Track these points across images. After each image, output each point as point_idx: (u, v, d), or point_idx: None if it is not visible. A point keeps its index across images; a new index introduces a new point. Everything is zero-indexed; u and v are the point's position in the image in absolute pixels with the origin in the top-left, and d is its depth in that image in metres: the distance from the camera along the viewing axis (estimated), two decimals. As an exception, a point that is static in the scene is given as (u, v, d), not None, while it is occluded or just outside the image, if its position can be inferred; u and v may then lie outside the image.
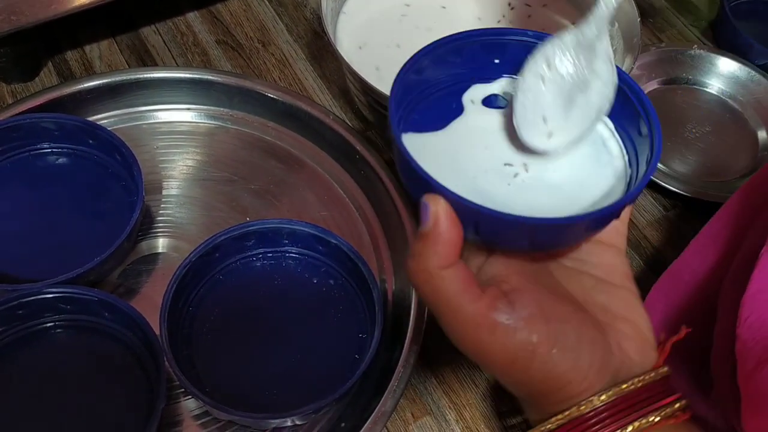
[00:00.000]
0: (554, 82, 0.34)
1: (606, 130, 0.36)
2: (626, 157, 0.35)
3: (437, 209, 0.28)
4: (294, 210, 0.52)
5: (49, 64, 0.61)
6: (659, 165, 0.58)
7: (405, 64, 0.33)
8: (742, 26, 0.64)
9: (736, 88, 0.64)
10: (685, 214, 0.58)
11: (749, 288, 0.34)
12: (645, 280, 0.53)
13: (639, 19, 0.54)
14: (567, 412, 0.30)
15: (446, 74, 0.36)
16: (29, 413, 0.42)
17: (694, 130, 0.62)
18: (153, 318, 0.43)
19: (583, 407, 0.30)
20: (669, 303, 0.46)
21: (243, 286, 0.47)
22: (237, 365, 0.45)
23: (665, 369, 0.32)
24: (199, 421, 0.44)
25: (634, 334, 0.32)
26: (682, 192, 0.56)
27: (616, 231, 0.34)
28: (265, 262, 0.48)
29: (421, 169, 0.29)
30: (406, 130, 0.34)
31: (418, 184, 0.30)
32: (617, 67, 0.34)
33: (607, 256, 0.34)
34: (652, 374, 0.32)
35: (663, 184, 0.57)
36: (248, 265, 0.48)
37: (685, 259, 0.46)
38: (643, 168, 0.33)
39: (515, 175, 0.34)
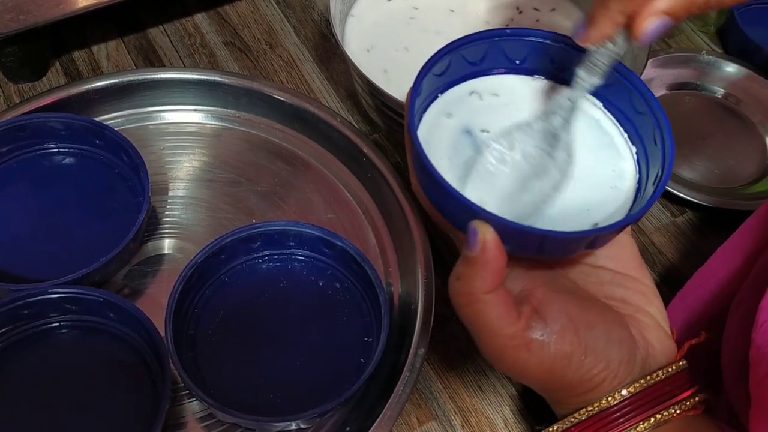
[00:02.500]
0: (515, 166, 0.35)
1: (621, 139, 0.38)
2: (637, 167, 0.37)
3: (485, 236, 0.30)
4: (300, 212, 0.52)
5: (57, 63, 0.61)
6: (667, 171, 0.58)
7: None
8: (751, 32, 0.64)
9: (744, 94, 0.63)
10: (692, 220, 0.57)
11: None
12: (652, 287, 0.53)
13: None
14: (595, 405, 0.33)
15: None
16: (33, 412, 0.41)
17: (702, 136, 0.61)
18: (158, 319, 0.42)
19: (609, 399, 0.32)
20: (690, 311, 0.46)
21: (249, 288, 0.47)
22: (242, 367, 0.44)
23: (684, 362, 0.34)
24: (204, 424, 0.44)
25: (654, 324, 0.34)
26: (689, 198, 0.56)
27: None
28: (271, 264, 0.48)
29: (454, 190, 0.31)
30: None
31: (439, 195, 0.32)
32: (636, 75, 0.36)
33: (617, 247, 0.36)
34: (674, 367, 0.33)
35: (671, 189, 0.56)
36: (254, 267, 0.48)
37: (711, 268, 0.46)
38: (651, 186, 0.34)
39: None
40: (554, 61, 0.38)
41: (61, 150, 0.51)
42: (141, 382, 0.43)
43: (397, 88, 0.49)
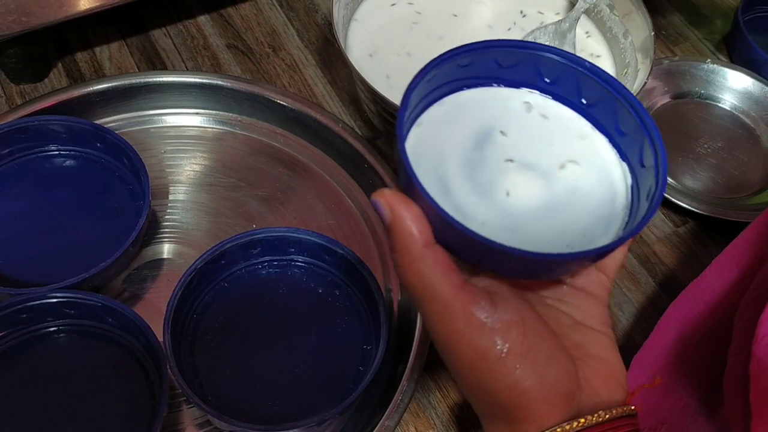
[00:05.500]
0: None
1: (610, 152, 0.35)
2: (629, 181, 0.34)
3: (385, 199, 0.29)
4: (301, 218, 0.52)
5: (59, 65, 0.61)
6: (670, 180, 0.58)
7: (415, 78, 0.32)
8: (757, 40, 0.64)
9: (749, 103, 0.63)
10: (695, 230, 0.57)
11: None
12: (654, 297, 0.53)
13: (653, 33, 0.54)
14: None
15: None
16: (31, 417, 0.41)
17: (706, 146, 0.61)
18: (157, 324, 0.42)
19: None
20: (685, 322, 0.45)
21: (248, 294, 0.47)
22: (240, 374, 0.44)
23: (633, 408, 0.31)
24: (202, 430, 0.44)
25: (606, 373, 0.32)
26: (692, 209, 0.56)
27: (599, 283, 0.33)
28: (271, 270, 0.48)
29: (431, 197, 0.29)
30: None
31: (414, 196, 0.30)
32: (626, 89, 0.33)
33: (587, 303, 0.33)
34: (621, 409, 0.31)
35: (674, 200, 0.56)
36: (254, 273, 0.48)
37: (706, 279, 0.46)
38: (644, 205, 0.32)
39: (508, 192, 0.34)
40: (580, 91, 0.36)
41: (61, 153, 0.50)
42: (139, 387, 0.43)
43: (399, 93, 0.49)
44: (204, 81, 0.55)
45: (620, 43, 0.56)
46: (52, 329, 0.44)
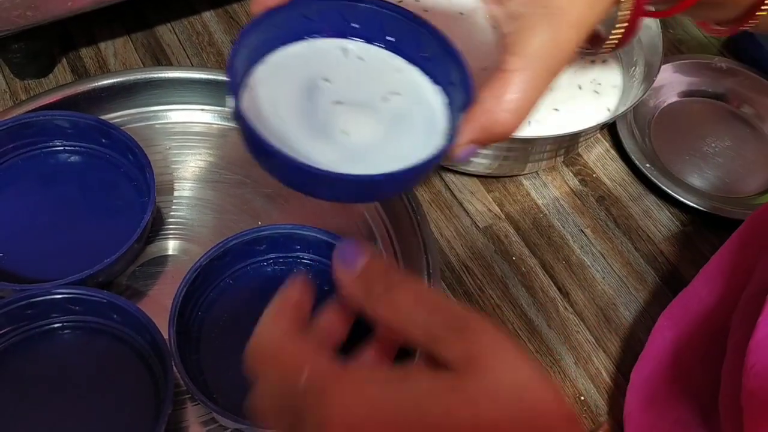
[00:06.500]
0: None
1: (424, 78, 0.38)
2: (444, 100, 0.37)
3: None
4: (306, 215, 0.51)
5: (64, 60, 0.61)
6: (677, 178, 0.58)
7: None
8: (764, 39, 0.63)
9: (756, 103, 0.63)
10: (701, 229, 0.57)
11: (755, 333, 0.33)
12: (660, 295, 0.53)
13: (661, 32, 0.53)
14: None
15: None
16: (34, 413, 0.41)
17: (713, 144, 0.61)
18: (161, 321, 0.42)
19: None
20: (678, 331, 0.45)
21: (253, 292, 0.47)
22: (245, 372, 0.44)
23: None
24: (206, 428, 0.43)
25: None
26: (699, 207, 0.56)
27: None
28: (276, 267, 0.48)
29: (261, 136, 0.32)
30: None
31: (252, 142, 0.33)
32: (422, 19, 0.36)
33: None
34: None
35: (680, 198, 0.56)
36: (259, 270, 0.47)
37: (694, 288, 0.46)
38: (459, 116, 0.34)
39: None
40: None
41: (66, 148, 0.50)
42: (143, 384, 0.42)
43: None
44: (209, 77, 0.55)
45: (628, 40, 0.55)
46: (56, 325, 0.44)
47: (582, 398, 0.48)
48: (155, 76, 0.54)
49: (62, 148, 0.50)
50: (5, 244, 0.46)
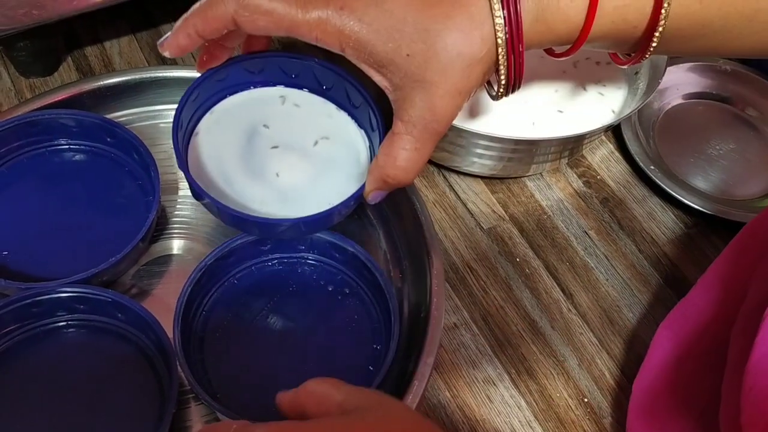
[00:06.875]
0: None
1: (351, 124, 0.44)
2: (367, 143, 0.43)
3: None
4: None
5: (69, 59, 0.61)
6: (681, 180, 0.58)
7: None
8: (769, 42, 0.63)
9: (760, 105, 0.63)
10: (706, 231, 0.57)
11: (753, 354, 0.33)
12: (664, 298, 0.53)
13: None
14: None
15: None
16: (39, 411, 0.41)
17: (717, 147, 0.61)
18: (165, 320, 0.42)
19: None
20: (677, 341, 0.45)
21: (257, 292, 0.47)
22: (249, 371, 0.44)
23: None
24: (209, 427, 0.43)
25: None
26: (703, 210, 0.56)
27: None
28: (281, 267, 0.47)
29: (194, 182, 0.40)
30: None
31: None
32: (350, 73, 0.42)
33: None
34: None
35: (684, 201, 0.56)
36: (263, 270, 0.47)
37: (692, 298, 0.46)
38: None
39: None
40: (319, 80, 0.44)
41: (71, 147, 0.50)
42: (148, 383, 0.42)
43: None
44: (214, 77, 0.55)
45: (633, 42, 0.55)
46: (61, 324, 0.44)
47: (585, 400, 0.48)
48: (160, 75, 0.54)
49: (67, 146, 0.50)
50: (10, 243, 0.46)
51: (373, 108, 0.41)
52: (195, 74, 0.54)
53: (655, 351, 0.46)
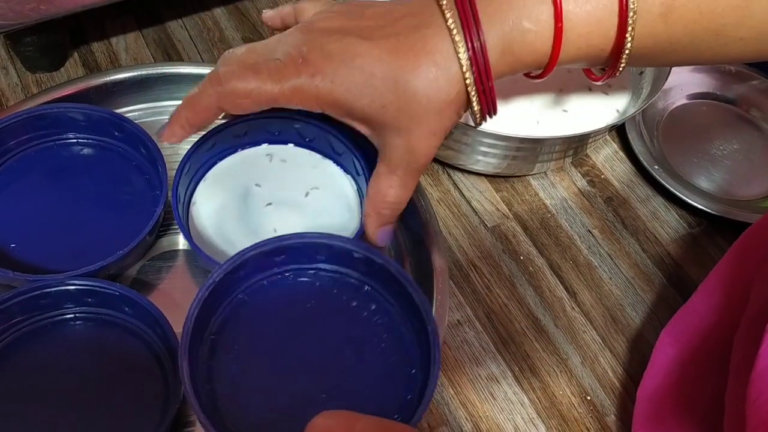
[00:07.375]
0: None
1: (337, 171, 0.47)
2: (354, 187, 0.47)
3: None
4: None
5: (75, 54, 0.61)
6: (685, 180, 0.58)
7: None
8: (773, 44, 0.63)
9: (764, 106, 0.63)
10: (709, 231, 0.57)
11: (757, 364, 0.33)
12: (667, 297, 0.53)
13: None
14: None
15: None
16: (44, 403, 0.41)
17: (721, 147, 0.61)
18: (171, 315, 0.42)
19: None
20: (680, 347, 0.46)
21: (271, 309, 0.42)
22: (263, 399, 0.39)
23: None
24: (214, 421, 0.43)
25: None
26: (707, 209, 0.56)
27: None
28: (297, 280, 0.43)
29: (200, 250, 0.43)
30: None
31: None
32: (334, 127, 0.45)
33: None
34: None
35: (688, 200, 0.56)
36: (277, 284, 0.43)
37: (694, 304, 0.46)
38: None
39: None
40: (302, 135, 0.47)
41: (80, 141, 0.50)
42: (153, 377, 0.42)
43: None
44: (221, 73, 0.55)
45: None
46: (69, 316, 0.44)
47: (588, 398, 0.48)
48: (167, 71, 0.55)
49: (75, 140, 0.50)
50: (18, 235, 0.46)
51: (356, 154, 0.45)
52: (201, 70, 0.55)
53: (657, 357, 0.47)
